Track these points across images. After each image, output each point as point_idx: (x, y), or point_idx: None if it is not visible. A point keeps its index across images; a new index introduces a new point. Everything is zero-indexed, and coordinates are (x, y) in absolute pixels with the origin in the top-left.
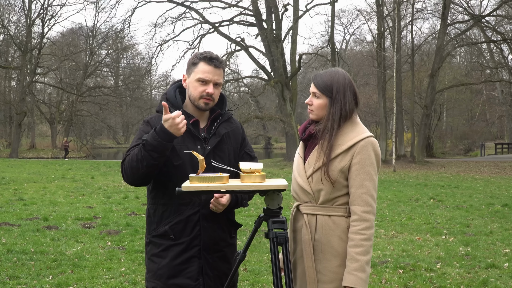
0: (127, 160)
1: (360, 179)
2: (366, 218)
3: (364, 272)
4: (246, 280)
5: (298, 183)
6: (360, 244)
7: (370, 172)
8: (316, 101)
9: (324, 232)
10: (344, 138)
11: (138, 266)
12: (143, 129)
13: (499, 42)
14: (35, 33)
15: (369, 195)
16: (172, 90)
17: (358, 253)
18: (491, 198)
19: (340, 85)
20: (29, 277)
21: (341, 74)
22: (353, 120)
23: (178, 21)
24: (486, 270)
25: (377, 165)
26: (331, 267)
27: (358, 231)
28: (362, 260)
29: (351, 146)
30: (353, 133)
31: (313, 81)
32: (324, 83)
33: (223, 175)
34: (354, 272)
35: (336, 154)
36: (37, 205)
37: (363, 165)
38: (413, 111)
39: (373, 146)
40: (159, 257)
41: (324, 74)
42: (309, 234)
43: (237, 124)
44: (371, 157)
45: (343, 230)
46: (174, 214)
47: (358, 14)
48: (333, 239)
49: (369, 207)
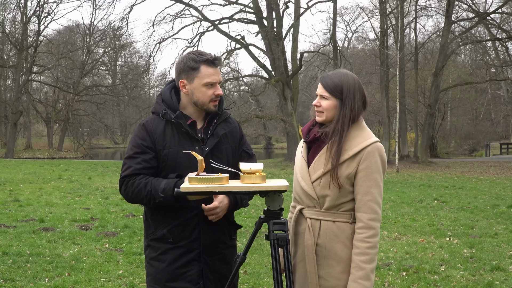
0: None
1: (366, 186)
2: (372, 226)
3: (369, 280)
4: (246, 282)
5: (302, 187)
6: (365, 252)
7: (376, 179)
8: (325, 103)
9: (328, 238)
10: (350, 144)
11: (136, 269)
12: (138, 134)
13: (505, 40)
14: (31, 31)
15: (375, 202)
16: (168, 91)
17: (363, 261)
18: (496, 199)
19: (351, 86)
20: (25, 279)
21: (351, 76)
22: (360, 123)
23: (177, 18)
24: (491, 273)
25: (383, 170)
26: (334, 273)
27: (364, 239)
28: (367, 268)
29: (358, 152)
30: (360, 138)
31: (322, 82)
32: (334, 84)
33: (223, 176)
34: (359, 280)
35: (343, 160)
36: (33, 206)
37: (370, 172)
38: (416, 110)
39: (380, 152)
40: (158, 260)
41: (333, 75)
42: (312, 239)
43: (235, 124)
44: (377, 163)
45: (347, 236)
46: (172, 217)
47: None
48: (337, 245)
49: (375, 214)
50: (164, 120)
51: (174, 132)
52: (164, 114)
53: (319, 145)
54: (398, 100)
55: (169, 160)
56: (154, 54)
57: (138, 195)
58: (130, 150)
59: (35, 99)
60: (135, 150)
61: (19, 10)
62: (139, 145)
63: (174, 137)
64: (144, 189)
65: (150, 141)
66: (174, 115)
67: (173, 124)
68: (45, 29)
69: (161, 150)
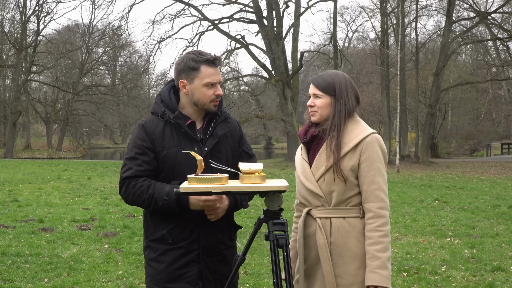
0: (134, 193)
1: (371, 176)
2: (382, 214)
3: (386, 269)
4: (246, 283)
5: (307, 187)
6: (379, 241)
7: (380, 168)
8: (319, 101)
9: (340, 235)
10: (349, 136)
11: (136, 269)
12: (137, 135)
13: (506, 39)
14: (30, 31)
15: (382, 191)
16: (167, 91)
17: (378, 250)
18: (497, 200)
19: (342, 83)
20: (24, 280)
21: (341, 74)
22: (355, 118)
23: (176, 18)
24: (492, 273)
25: (384, 160)
26: (350, 270)
27: (375, 228)
28: (383, 257)
29: (358, 143)
30: (357, 130)
31: (313, 83)
32: (326, 82)
33: (222, 176)
34: (376, 270)
35: (344, 153)
36: (32, 207)
37: (372, 161)
38: (417, 110)
39: (379, 142)
40: (157, 261)
41: (324, 74)
42: (325, 238)
43: (235, 124)
44: (378, 153)
45: (360, 231)
46: (171, 218)
47: (361, 11)
48: (350, 241)
49: (383, 202)
50: (163, 120)
51: (173, 132)
52: (163, 115)
53: (318, 143)
54: (399, 100)
55: (168, 160)
56: (153, 53)
57: (139, 198)
58: (130, 151)
59: (34, 99)
60: (135, 151)
61: (18, 10)
62: (139, 145)
63: (173, 138)
64: (146, 192)
65: (149, 142)
66: (173, 116)
67: (172, 124)
68: (45, 29)
69: (160, 150)
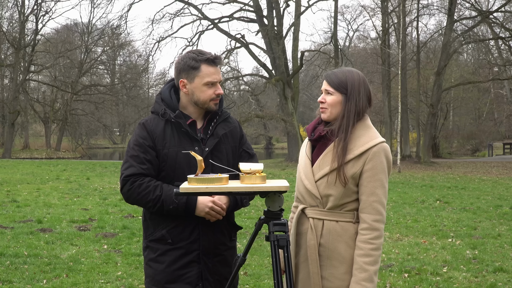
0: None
1: (371, 187)
2: (376, 227)
3: (372, 282)
4: (246, 284)
5: (305, 186)
6: (369, 254)
7: (382, 180)
8: (330, 98)
9: (331, 237)
10: (355, 143)
11: (135, 270)
12: (139, 134)
13: (508, 38)
14: (29, 30)
15: (380, 203)
16: (167, 91)
17: (366, 263)
18: (499, 200)
19: (355, 81)
20: (23, 281)
21: (355, 72)
22: (365, 122)
23: (176, 17)
24: (494, 274)
25: (388, 171)
26: (337, 274)
27: (368, 240)
28: (370, 270)
29: (363, 152)
30: (365, 137)
31: (326, 79)
32: (339, 79)
33: (223, 176)
34: (362, 282)
35: (348, 160)
36: (30, 207)
37: (375, 172)
38: (418, 110)
39: (385, 153)
40: (157, 262)
41: (338, 71)
42: (315, 239)
43: (235, 123)
44: (383, 164)
45: (351, 236)
46: (171, 218)
47: (362, 10)
48: (340, 245)
49: (380, 215)
50: (163, 119)
51: (173, 131)
52: (164, 114)
53: (324, 143)
54: (400, 99)
55: (169, 160)
56: (153, 53)
57: (144, 198)
58: (132, 149)
59: (33, 99)
60: (137, 149)
61: (16, 9)
62: (141, 144)
63: (174, 137)
64: (153, 193)
65: (150, 140)
66: (173, 115)
67: (173, 123)
68: (43, 28)
69: (161, 149)
